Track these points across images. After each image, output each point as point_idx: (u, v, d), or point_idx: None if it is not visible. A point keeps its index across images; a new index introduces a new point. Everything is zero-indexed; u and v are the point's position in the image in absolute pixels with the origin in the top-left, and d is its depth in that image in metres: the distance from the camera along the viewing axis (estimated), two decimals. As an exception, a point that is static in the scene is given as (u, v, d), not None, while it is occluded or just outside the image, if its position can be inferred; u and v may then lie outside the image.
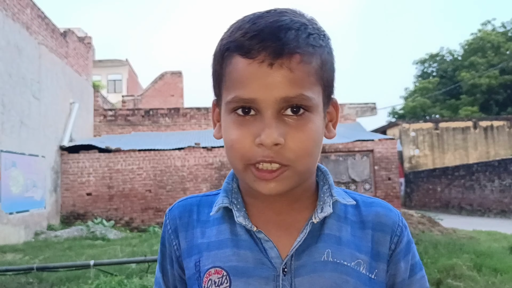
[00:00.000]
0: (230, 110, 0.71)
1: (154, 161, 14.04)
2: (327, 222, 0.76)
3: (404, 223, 0.80)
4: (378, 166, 15.31)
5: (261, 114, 0.68)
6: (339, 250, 0.74)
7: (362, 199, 0.82)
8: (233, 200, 0.78)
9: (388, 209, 0.80)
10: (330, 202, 0.75)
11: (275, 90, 0.66)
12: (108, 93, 27.15)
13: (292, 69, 0.66)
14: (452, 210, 18.71)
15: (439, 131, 23.62)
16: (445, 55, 38.50)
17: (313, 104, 0.70)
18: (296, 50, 0.66)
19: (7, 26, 10.20)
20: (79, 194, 13.67)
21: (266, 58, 0.66)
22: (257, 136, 0.67)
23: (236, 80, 0.69)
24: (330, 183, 0.79)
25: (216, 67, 0.74)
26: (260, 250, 0.74)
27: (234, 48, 0.69)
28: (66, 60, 14.15)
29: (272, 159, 0.67)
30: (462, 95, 33.52)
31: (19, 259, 7.86)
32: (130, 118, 17.64)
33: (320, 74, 0.71)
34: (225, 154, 0.75)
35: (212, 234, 0.78)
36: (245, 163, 0.69)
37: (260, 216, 0.77)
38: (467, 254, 5.86)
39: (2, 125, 9.79)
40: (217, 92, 0.77)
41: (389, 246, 0.77)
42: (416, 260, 0.80)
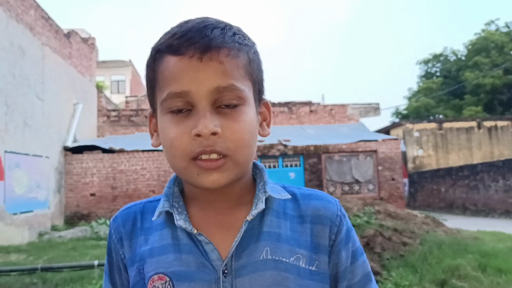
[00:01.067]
0: (166, 110, 0.72)
1: (158, 162, 14.07)
2: (265, 220, 0.76)
3: (342, 212, 0.81)
4: (382, 167, 15.29)
5: (195, 109, 0.70)
6: (278, 247, 0.74)
7: (301, 192, 0.82)
8: (174, 204, 0.78)
9: (326, 200, 0.81)
10: (263, 198, 0.75)
11: (207, 81, 0.69)
12: (111, 94, 27.21)
13: (221, 62, 0.69)
14: (456, 210, 18.64)
15: (443, 131, 23.55)
16: (448, 55, 38.40)
17: (244, 96, 0.72)
18: (223, 44, 0.70)
19: (11, 27, 10.24)
20: (83, 194, 13.71)
21: (195, 53, 0.69)
22: (192, 130, 0.69)
23: (168, 77, 0.71)
24: (265, 180, 0.79)
25: (149, 74, 0.76)
26: (201, 253, 0.74)
27: (164, 49, 0.72)
28: (70, 61, 14.19)
29: (212, 149, 0.68)
30: (466, 95, 33.41)
31: (23, 260, 7.88)
32: (134, 119, 17.67)
33: (249, 70, 0.74)
34: (166, 157, 0.76)
35: (154, 240, 0.77)
36: (187, 159, 0.70)
37: (201, 217, 0.78)
38: (471, 254, 5.83)
39: (6, 126, 9.83)
40: (152, 100, 0.78)
41: (329, 237, 0.77)
42: (356, 246, 0.81)
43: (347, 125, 18.57)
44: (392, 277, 5.16)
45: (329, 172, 15.33)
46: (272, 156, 15.01)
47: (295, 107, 18.97)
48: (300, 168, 15.26)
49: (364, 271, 0.80)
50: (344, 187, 15.26)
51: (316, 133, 17.09)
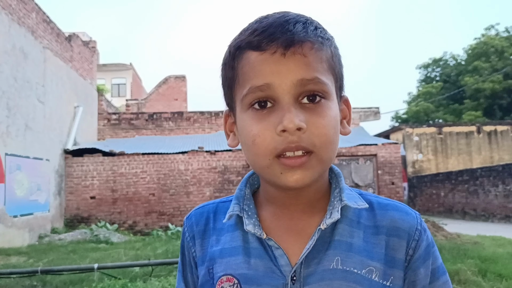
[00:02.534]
0: (247, 106, 0.70)
1: (158, 165, 14.07)
2: (338, 228, 0.73)
3: (423, 226, 0.76)
4: (382, 171, 15.30)
5: (278, 103, 0.67)
6: (349, 257, 0.71)
7: (378, 201, 0.78)
8: (244, 207, 0.77)
9: (405, 212, 0.76)
10: (339, 207, 0.72)
11: (291, 74, 0.67)
12: (112, 97, 27.24)
13: (305, 55, 0.67)
14: (456, 215, 18.64)
15: (443, 136, 23.57)
16: (448, 59, 38.49)
17: (328, 90, 0.70)
18: (307, 38, 0.68)
19: (13, 30, 10.27)
20: (83, 197, 13.71)
21: (278, 48, 0.67)
22: (277, 126, 0.66)
23: (249, 72, 0.69)
24: (341, 186, 0.76)
25: (226, 73, 0.74)
26: (270, 258, 0.73)
27: (245, 45, 0.70)
28: (71, 64, 14.22)
29: (297, 145, 0.66)
30: (466, 99, 33.46)
31: (23, 262, 7.88)
32: (134, 122, 17.68)
33: (331, 64, 0.72)
34: (246, 156, 0.74)
35: (225, 241, 0.77)
36: (270, 157, 0.68)
37: (272, 221, 0.76)
38: (471, 259, 5.84)
39: (7, 129, 9.85)
40: (229, 100, 0.77)
41: (406, 252, 0.73)
42: (438, 265, 0.76)
43: (347, 129, 18.56)
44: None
45: (329, 176, 15.34)
46: None
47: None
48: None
49: None
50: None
51: None
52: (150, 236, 12.02)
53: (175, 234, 11.43)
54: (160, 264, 5.89)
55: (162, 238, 11.28)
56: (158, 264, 5.83)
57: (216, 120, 18.18)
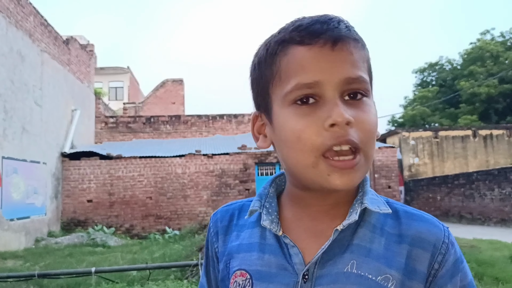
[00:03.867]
0: (289, 102, 0.68)
1: (155, 168, 14.06)
2: (358, 232, 0.72)
3: (451, 240, 0.72)
4: (378, 174, 15.34)
5: (323, 99, 0.66)
6: (366, 262, 0.69)
7: (405, 209, 0.76)
8: (265, 204, 0.77)
9: (432, 224, 0.73)
10: (359, 209, 0.70)
11: (338, 71, 0.66)
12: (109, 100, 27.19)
13: (352, 52, 0.68)
14: (452, 218, 18.68)
15: (439, 140, 23.64)
16: (444, 64, 38.65)
17: (369, 89, 0.70)
18: (352, 36, 0.69)
19: (10, 33, 10.27)
20: (80, 200, 13.67)
21: (326, 42, 0.66)
22: (326, 120, 0.65)
23: (295, 68, 0.67)
24: (365, 190, 0.73)
25: (263, 71, 0.73)
26: (284, 256, 0.72)
27: (289, 40, 0.68)
28: (68, 67, 14.22)
29: (347, 139, 0.65)
30: (461, 104, 33.59)
31: (20, 266, 7.85)
32: (132, 125, 17.67)
33: (369, 65, 0.73)
34: (285, 155, 0.71)
35: (244, 236, 0.79)
36: (317, 153, 0.66)
37: (293, 221, 0.76)
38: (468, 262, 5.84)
39: (4, 132, 9.83)
40: (262, 99, 0.75)
41: (430, 265, 0.70)
42: (468, 282, 0.72)
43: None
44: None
45: (326, 180, 15.35)
46: (269, 163, 15.02)
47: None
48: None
49: None
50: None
51: None
52: (147, 239, 12.00)
53: (172, 238, 11.42)
54: (157, 268, 5.88)
55: (159, 241, 11.26)
56: (156, 268, 5.83)
57: (214, 124, 18.19)
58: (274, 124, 0.72)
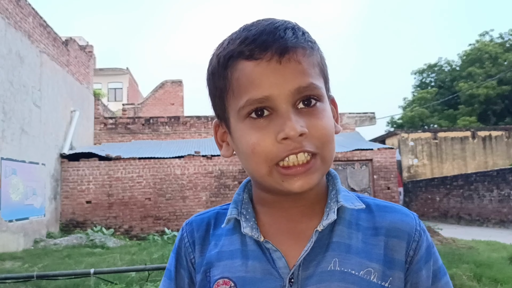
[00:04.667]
0: (244, 116, 0.70)
1: (154, 169, 14.05)
2: (336, 230, 0.73)
3: (422, 227, 0.76)
4: (377, 175, 15.34)
5: (276, 112, 0.68)
6: (348, 258, 0.71)
7: (376, 203, 0.79)
8: (242, 211, 0.77)
9: (404, 213, 0.77)
10: (335, 208, 0.72)
11: (288, 83, 0.67)
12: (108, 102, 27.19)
13: (300, 61, 0.68)
14: (451, 219, 18.70)
15: (438, 141, 23.68)
16: (443, 65, 38.72)
17: (322, 94, 0.71)
18: (299, 44, 0.69)
19: (9, 34, 10.27)
20: (79, 202, 13.66)
21: (273, 56, 0.67)
22: (278, 133, 0.66)
23: (245, 84, 0.68)
24: (338, 188, 0.76)
25: (216, 83, 0.74)
26: (268, 261, 0.73)
27: (237, 55, 0.69)
28: (67, 69, 14.21)
29: (301, 149, 0.66)
30: (460, 105, 33.66)
31: (18, 267, 7.85)
32: (130, 127, 17.66)
33: (321, 67, 0.74)
34: (244, 165, 0.74)
35: (223, 244, 0.78)
36: (270, 164, 0.68)
37: (271, 225, 0.76)
38: (466, 264, 5.87)
39: (2, 133, 9.82)
40: (219, 110, 0.76)
41: (406, 253, 0.73)
42: (439, 265, 0.76)
43: (342, 134, 18.64)
44: None
45: (325, 181, 15.37)
46: None
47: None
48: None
49: None
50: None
51: None
52: (146, 240, 11.99)
53: (171, 239, 11.41)
54: (156, 269, 5.87)
55: (158, 242, 11.26)
56: (154, 269, 5.82)
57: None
58: (232, 135, 0.75)
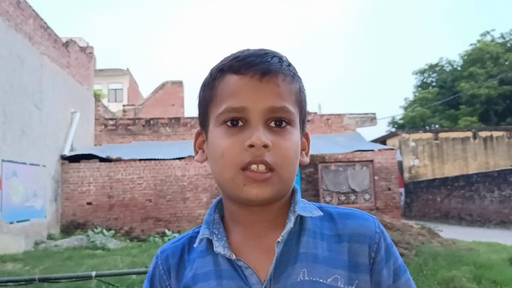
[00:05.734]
0: (220, 122, 0.77)
1: (155, 171, 14.06)
2: (302, 241, 0.77)
3: (381, 229, 0.81)
4: (378, 176, 15.34)
5: (249, 124, 0.75)
6: (315, 268, 0.75)
7: (337, 211, 0.83)
8: (214, 231, 0.80)
9: (364, 218, 0.81)
10: (293, 218, 0.77)
11: (264, 101, 0.75)
12: (109, 102, 27.23)
13: (278, 85, 0.76)
14: (452, 220, 18.69)
15: (439, 141, 23.67)
16: (444, 65, 38.70)
17: (294, 119, 0.78)
18: (281, 70, 0.77)
19: (10, 36, 10.29)
20: (79, 203, 13.68)
21: (255, 74, 0.75)
22: (246, 142, 0.73)
23: (227, 94, 0.76)
24: (296, 200, 0.81)
25: (205, 92, 0.82)
26: (241, 278, 0.75)
27: (227, 69, 0.78)
28: (68, 70, 14.23)
29: (262, 159, 0.72)
30: (462, 105, 33.62)
31: (19, 269, 7.86)
32: (131, 128, 17.68)
33: (299, 98, 0.80)
34: (213, 168, 0.79)
35: (197, 267, 0.80)
36: (236, 168, 0.73)
37: (241, 242, 0.80)
38: (466, 266, 5.87)
39: (3, 135, 9.84)
40: (203, 118, 0.83)
41: (369, 255, 0.77)
42: (399, 264, 0.80)
43: (343, 135, 18.64)
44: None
45: (326, 182, 15.38)
46: None
47: (292, 117, 19.03)
48: (296, 177, 15.28)
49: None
50: (340, 197, 15.30)
51: (313, 142, 16.52)
52: (146, 242, 12.00)
53: (172, 240, 11.41)
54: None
55: (159, 244, 11.26)
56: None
57: (213, 126, 18.15)
58: (208, 140, 0.81)
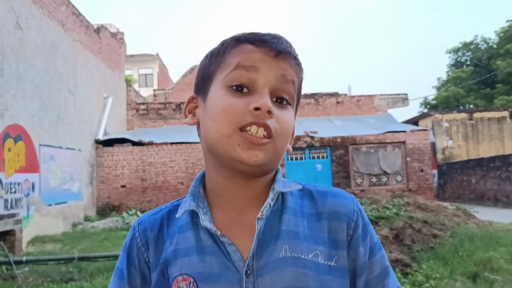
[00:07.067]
0: (226, 83, 0.75)
1: (186, 154, 14.25)
2: (284, 219, 0.78)
3: (359, 207, 0.82)
4: (410, 158, 15.09)
5: (255, 90, 0.74)
6: (296, 244, 0.75)
7: (317, 189, 0.84)
8: (199, 204, 0.79)
9: (342, 196, 0.82)
10: (271, 194, 0.77)
11: (276, 69, 0.75)
12: (139, 87, 27.60)
13: (291, 65, 0.77)
14: (488, 202, 18.24)
15: (474, 122, 23.01)
16: (479, 43, 37.32)
17: (294, 99, 0.80)
18: (294, 55, 0.79)
19: (44, 24, 10.51)
20: (114, 186, 14.03)
21: (271, 50, 0.75)
22: (251, 104, 0.72)
23: (239, 55, 0.76)
24: (276, 178, 0.81)
25: (212, 60, 0.80)
26: (224, 255, 0.75)
27: (244, 40, 0.77)
28: (100, 56, 14.47)
29: (264, 123, 0.72)
30: (498, 84, 32.47)
31: (59, 249, 8.16)
32: (162, 112, 17.91)
33: (299, 87, 0.82)
34: (208, 128, 0.77)
35: (178, 241, 0.79)
36: (235, 127, 0.72)
37: (223, 218, 0.79)
38: (504, 247, 5.73)
39: (40, 120, 10.14)
40: (203, 84, 0.81)
41: (347, 233, 0.79)
42: (374, 242, 0.82)
43: (374, 116, 18.37)
44: (422, 270, 5.13)
45: (357, 164, 15.23)
46: (299, 148, 15.00)
47: (321, 99, 18.88)
48: (327, 159, 15.21)
49: (382, 266, 0.81)
50: (371, 179, 15.15)
51: (343, 124, 16.98)
52: (179, 224, 12.22)
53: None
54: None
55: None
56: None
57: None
58: (207, 101, 0.79)
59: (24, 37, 9.54)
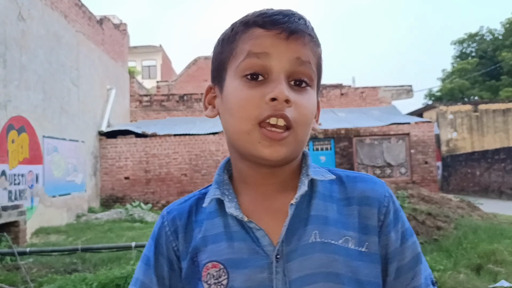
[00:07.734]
0: (240, 73, 0.73)
1: (189, 146, 14.25)
2: (313, 204, 0.77)
3: (390, 193, 0.81)
4: (415, 150, 15.04)
5: (271, 77, 0.72)
6: (326, 229, 0.75)
7: (346, 174, 0.83)
8: (224, 191, 0.79)
9: (373, 182, 0.81)
10: (306, 181, 0.76)
11: (290, 51, 0.72)
12: (143, 79, 27.58)
13: (305, 43, 0.73)
14: (492, 194, 18.19)
15: (478, 114, 22.88)
16: (485, 34, 37.01)
17: (313, 81, 0.76)
18: (308, 32, 0.74)
19: (46, 15, 10.47)
20: (117, 178, 14.06)
21: (282, 32, 0.72)
22: (267, 95, 0.70)
23: (250, 42, 0.73)
24: (308, 163, 0.80)
25: (224, 47, 0.78)
26: (252, 240, 0.75)
27: (252, 23, 0.74)
28: (103, 47, 14.44)
29: (282, 114, 0.70)
30: (503, 76, 32.24)
31: (63, 240, 8.20)
32: (165, 104, 17.89)
33: (319, 63, 0.79)
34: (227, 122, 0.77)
35: (207, 228, 0.79)
36: (253, 122, 0.71)
37: (250, 204, 0.79)
38: (508, 239, 5.72)
39: (43, 111, 10.13)
40: (218, 73, 0.80)
41: (378, 218, 0.78)
42: (406, 227, 0.81)
43: (378, 108, 18.29)
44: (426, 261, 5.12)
45: (360, 156, 15.20)
46: (325, 138, 14.98)
47: (325, 90, 18.79)
48: (331, 151, 15.18)
49: (414, 252, 0.80)
50: (375, 171, 15.11)
51: (347, 116, 16.92)
52: (183, 215, 12.25)
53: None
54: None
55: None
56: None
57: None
58: (223, 93, 0.78)
59: (27, 28, 9.50)
